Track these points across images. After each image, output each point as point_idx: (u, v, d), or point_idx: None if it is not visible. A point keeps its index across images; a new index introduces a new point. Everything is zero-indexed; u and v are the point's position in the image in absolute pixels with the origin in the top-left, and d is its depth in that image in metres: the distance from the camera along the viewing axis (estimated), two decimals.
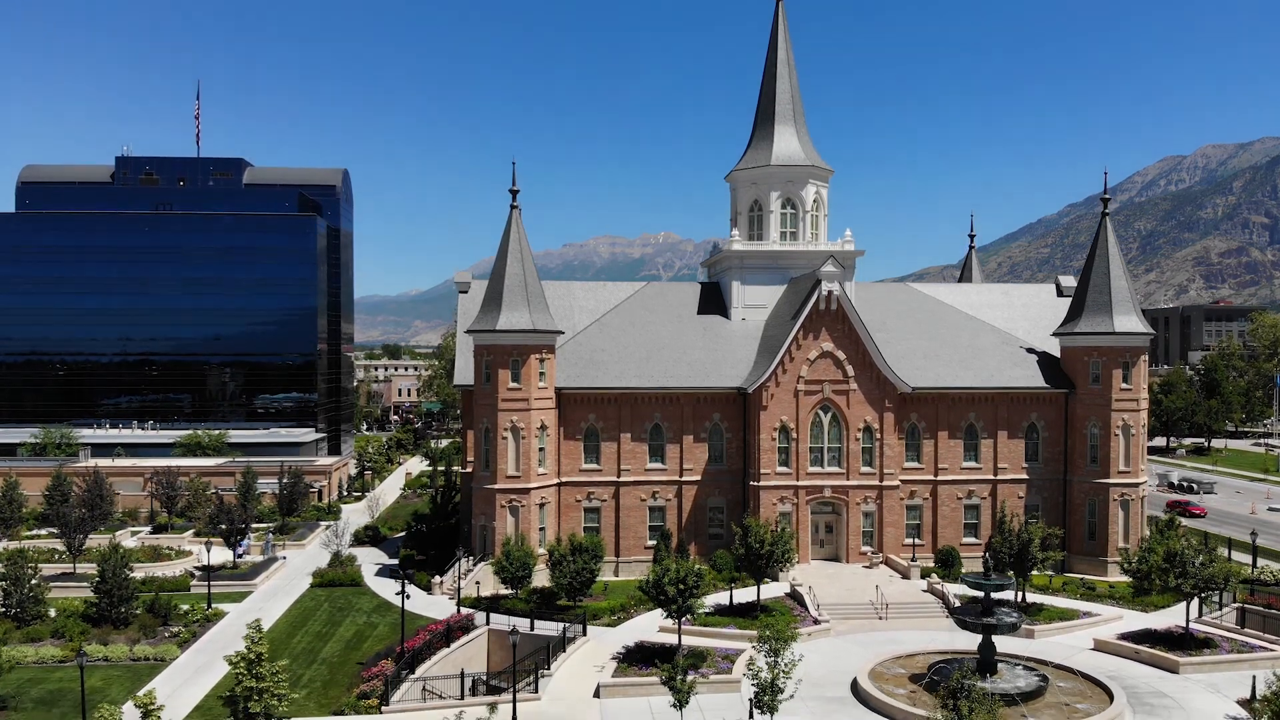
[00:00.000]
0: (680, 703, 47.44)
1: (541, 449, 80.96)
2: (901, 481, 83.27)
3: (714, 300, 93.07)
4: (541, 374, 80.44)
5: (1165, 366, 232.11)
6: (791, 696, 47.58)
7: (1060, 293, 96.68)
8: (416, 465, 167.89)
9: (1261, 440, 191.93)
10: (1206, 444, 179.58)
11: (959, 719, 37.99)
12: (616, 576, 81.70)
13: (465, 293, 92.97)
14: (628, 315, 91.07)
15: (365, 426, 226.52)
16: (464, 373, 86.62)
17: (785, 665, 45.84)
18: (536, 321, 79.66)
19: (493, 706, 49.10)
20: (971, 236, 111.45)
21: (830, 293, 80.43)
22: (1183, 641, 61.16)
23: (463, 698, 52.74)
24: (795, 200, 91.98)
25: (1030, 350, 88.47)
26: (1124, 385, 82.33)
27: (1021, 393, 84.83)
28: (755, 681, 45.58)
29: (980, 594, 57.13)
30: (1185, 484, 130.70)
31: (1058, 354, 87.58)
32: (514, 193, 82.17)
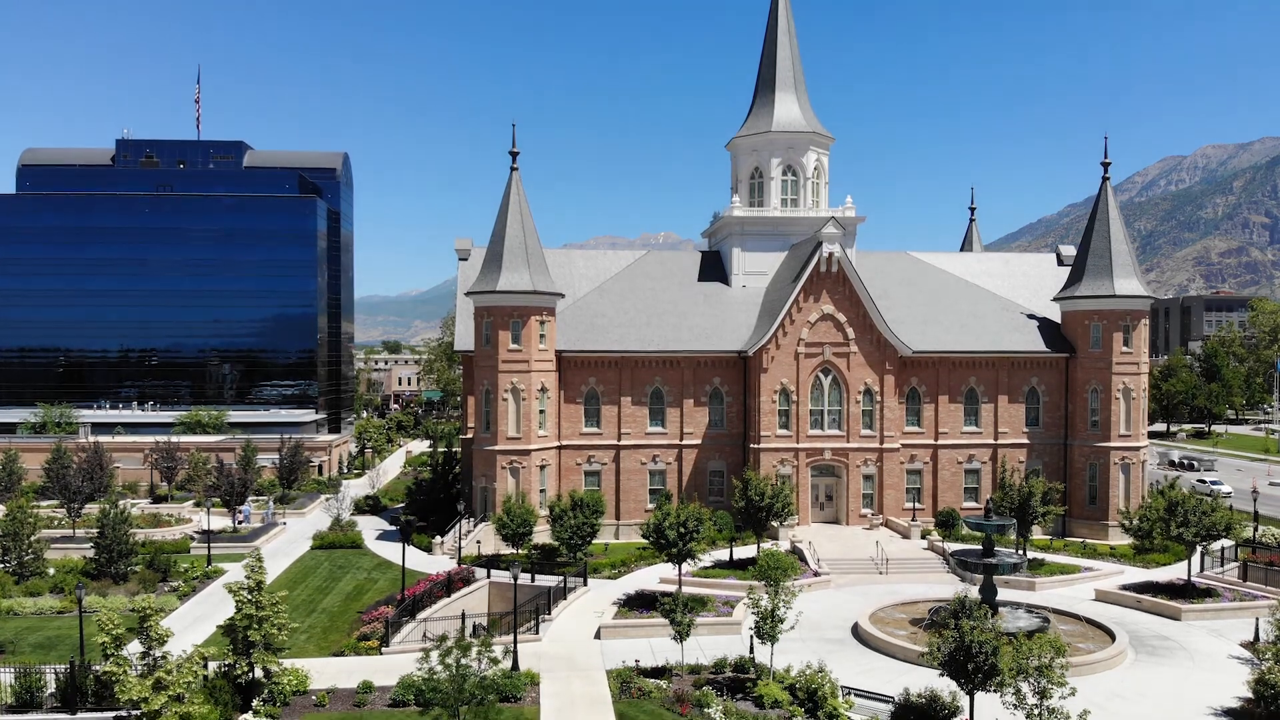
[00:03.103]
0: (680, 635, 47.45)
1: (542, 411, 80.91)
2: (902, 445, 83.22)
3: (714, 267, 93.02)
4: (542, 336, 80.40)
5: (1164, 356, 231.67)
6: (792, 628, 47.57)
7: (1060, 262, 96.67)
8: (418, 447, 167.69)
9: (1261, 425, 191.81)
10: (1207, 428, 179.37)
11: (960, 638, 37.79)
12: (617, 539, 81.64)
13: (466, 260, 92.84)
14: (628, 282, 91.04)
15: (365, 414, 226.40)
16: (464, 339, 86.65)
17: (785, 596, 45.76)
18: (537, 283, 79.60)
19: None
20: (972, 209, 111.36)
21: (831, 254, 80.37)
22: (1185, 591, 61.15)
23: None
24: (796, 167, 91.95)
25: (1031, 316, 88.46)
26: (1125, 349, 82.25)
27: (1022, 357, 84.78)
28: (756, 610, 45.47)
29: (981, 553, 56.92)
30: (1186, 462, 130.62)
31: (1058, 320, 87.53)
32: (514, 154, 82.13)
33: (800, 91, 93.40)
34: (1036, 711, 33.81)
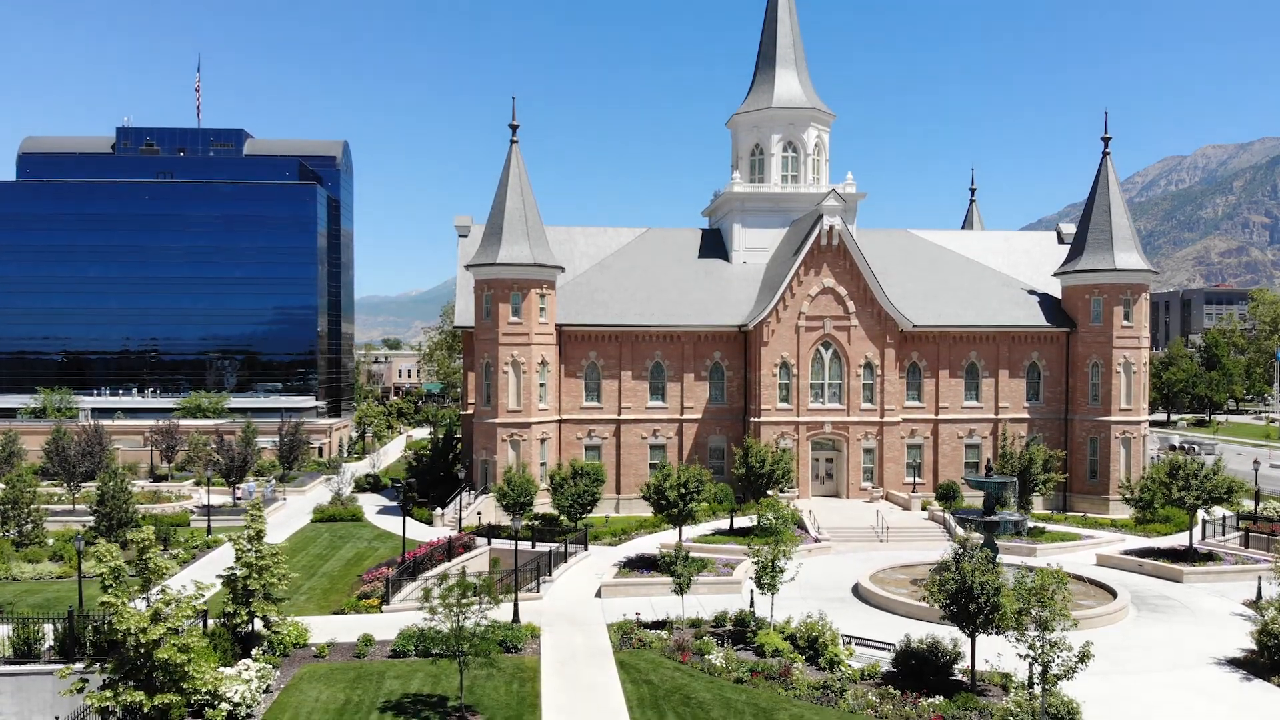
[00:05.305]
0: (681, 588, 47.47)
1: (542, 385, 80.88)
2: (902, 419, 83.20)
3: (715, 244, 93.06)
4: (542, 309, 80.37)
5: (1164, 349, 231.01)
6: (792, 579, 47.62)
7: (1061, 240, 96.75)
8: (418, 434, 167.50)
9: (1262, 414, 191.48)
10: (1207, 417, 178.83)
11: (962, 579, 37.80)
12: (617, 513, 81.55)
13: (465, 237, 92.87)
14: (629, 258, 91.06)
15: (365, 402, 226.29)
16: (465, 314, 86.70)
17: (785, 547, 45.84)
18: (537, 255, 79.59)
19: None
20: (972, 190, 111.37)
21: (832, 227, 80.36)
22: (1186, 556, 61.04)
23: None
24: (797, 143, 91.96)
25: (1031, 292, 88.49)
26: (1125, 323, 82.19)
27: (1023, 331, 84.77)
28: (756, 560, 45.47)
29: (982, 511, 56.83)
30: (1186, 446, 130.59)
31: (1059, 296, 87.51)
32: (514, 127, 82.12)
33: (801, 68, 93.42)
34: (1038, 645, 33.71)
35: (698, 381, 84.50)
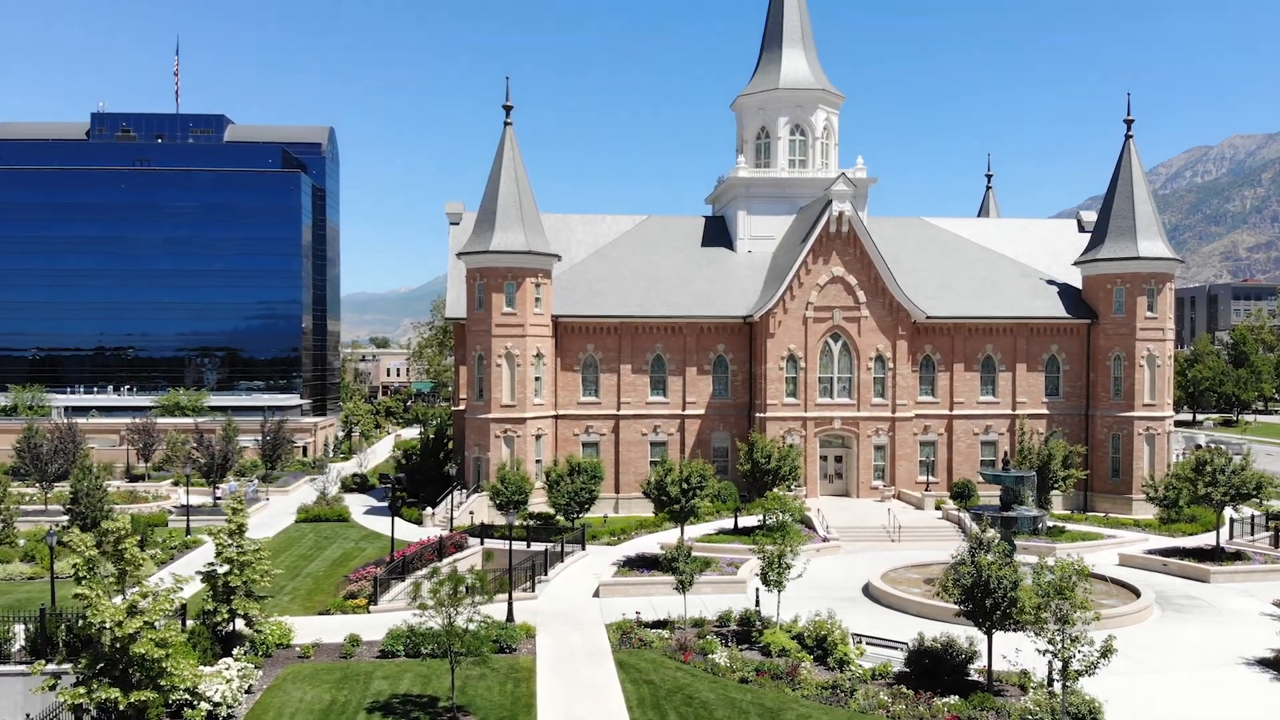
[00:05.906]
0: (683, 585, 44.92)
1: (538, 378, 77.23)
2: (915, 415, 79.86)
3: (718, 232, 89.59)
4: (537, 299, 76.75)
5: (1190, 347, 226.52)
6: (800, 575, 45.01)
7: (1081, 228, 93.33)
8: (408, 433, 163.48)
9: None
10: (1235, 417, 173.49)
11: (978, 573, 34.91)
12: (616, 512, 77.97)
13: (457, 224, 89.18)
14: (628, 247, 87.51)
15: (352, 400, 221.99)
16: (456, 305, 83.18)
17: (793, 544, 43.17)
18: (532, 242, 75.95)
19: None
20: (989, 176, 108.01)
21: (842, 213, 76.97)
22: (1213, 555, 58.21)
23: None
24: (804, 126, 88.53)
25: (1050, 282, 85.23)
26: (1149, 314, 79.00)
27: (1041, 323, 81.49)
28: (762, 555, 42.82)
29: (999, 507, 53.58)
30: (1213, 446, 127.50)
31: (1079, 286, 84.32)
32: (507, 109, 78.52)
33: (809, 47, 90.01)
34: (1058, 639, 31.28)
35: (700, 375, 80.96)
